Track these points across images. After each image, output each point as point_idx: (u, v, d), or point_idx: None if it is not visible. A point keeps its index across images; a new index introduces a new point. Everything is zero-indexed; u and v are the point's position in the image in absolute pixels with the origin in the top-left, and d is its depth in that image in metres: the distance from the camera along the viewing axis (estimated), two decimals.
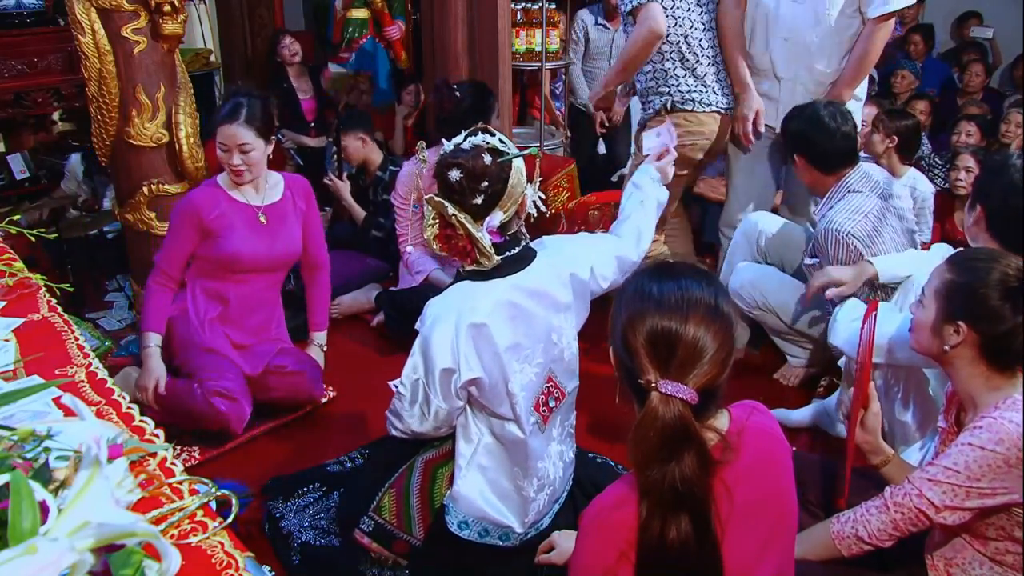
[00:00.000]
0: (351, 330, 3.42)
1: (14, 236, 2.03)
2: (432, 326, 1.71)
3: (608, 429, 2.56)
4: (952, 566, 1.57)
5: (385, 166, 3.86)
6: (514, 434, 1.80)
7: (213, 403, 2.41)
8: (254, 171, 2.51)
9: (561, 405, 1.90)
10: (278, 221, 2.61)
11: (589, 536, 1.21)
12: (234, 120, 2.43)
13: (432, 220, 1.73)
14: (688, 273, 1.21)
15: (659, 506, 1.11)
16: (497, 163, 1.68)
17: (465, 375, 1.69)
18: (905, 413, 2.25)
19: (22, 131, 4.31)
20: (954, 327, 1.55)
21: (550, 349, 1.83)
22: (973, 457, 1.45)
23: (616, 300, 1.26)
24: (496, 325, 1.70)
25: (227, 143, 2.45)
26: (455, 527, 1.84)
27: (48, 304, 1.87)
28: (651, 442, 1.10)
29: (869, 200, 2.57)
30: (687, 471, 1.10)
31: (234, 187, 2.56)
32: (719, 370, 1.14)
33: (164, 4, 2.58)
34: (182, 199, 2.58)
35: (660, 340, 1.13)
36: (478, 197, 1.67)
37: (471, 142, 1.71)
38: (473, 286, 1.74)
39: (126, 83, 2.69)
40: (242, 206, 2.56)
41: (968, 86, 5.13)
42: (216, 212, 2.50)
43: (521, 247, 1.77)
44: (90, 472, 0.91)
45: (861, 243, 2.49)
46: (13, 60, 3.47)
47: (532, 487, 1.86)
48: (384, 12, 4.98)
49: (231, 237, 2.51)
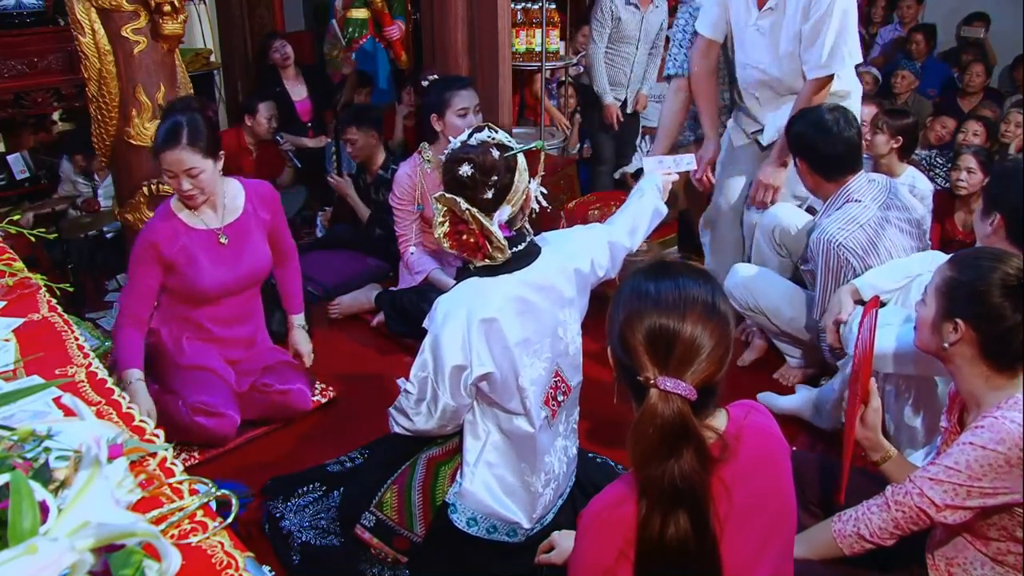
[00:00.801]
0: (351, 330, 3.42)
1: (14, 236, 2.03)
2: (443, 323, 1.71)
3: (608, 429, 2.56)
4: (953, 566, 1.57)
5: (387, 165, 3.86)
6: (524, 429, 1.81)
7: (197, 421, 2.39)
8: (207, 192, 2.38)
9: (567, 400, 1.92)
10: (241, 239, 2.51)
11: (588, 535, 1.22)
12: (175, 144, 2.27)
13: (442, 218, 1.73)
14: (685, 272, 1.22)
15: (658, 503, 1.11)
16: (504, 157, 1.70)
17: (477, 371, 1.70)
18: (915, 419, 2.24)
19: (22, 131, 4.31)
20: (952, 324, 1.55)
21: (556, 344, 1.84)
22: (974, 456, 1.45)
23: (614, 300, 1.27)
24: (506, 320, 1.72)
25: (172, 169, 2.30)
26: (463, 524, 1.85)
27: (48, 304, 1.87)
28: (650, 439, 1.11)
29: (867, 211, 2.51)
30: (686, 468, 1.10)
31: (190, 213, 2.44)
32: (717, 367, 1.15)
33: (164, 4, 2.59)
34: (140, 234, 2.45)
35: (658, 338, 1.14)
36: (488, 191, 1.69)
37: (477, 138, 1.73)
38: (482, 282, 1.75)
39: (126, 83, 2.69)
40: (201, 233, 2.44)
41: (968, 86, 5.13)
42: (176, 246, 2.39)
43: (527, 242, 1.79)
44: (90, 472, 0.91)
45: (852, 255, 2.46)
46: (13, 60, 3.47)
47: (540, 482, 1.88)
48: (384, 12, 4.98)
49: (194, 271, 2.41)
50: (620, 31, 4.57)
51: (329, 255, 3.83)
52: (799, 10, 2.71)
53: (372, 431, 2.56)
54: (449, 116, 3.01)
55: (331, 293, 3.55)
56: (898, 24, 6.18)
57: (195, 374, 2.48)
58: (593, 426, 2.60)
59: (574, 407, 2.00)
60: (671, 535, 1.11)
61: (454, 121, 2.98)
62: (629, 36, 4.58)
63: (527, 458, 1.85)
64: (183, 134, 2.28)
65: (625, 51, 4.63)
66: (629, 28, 4.54)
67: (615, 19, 4.51)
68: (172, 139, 2.28)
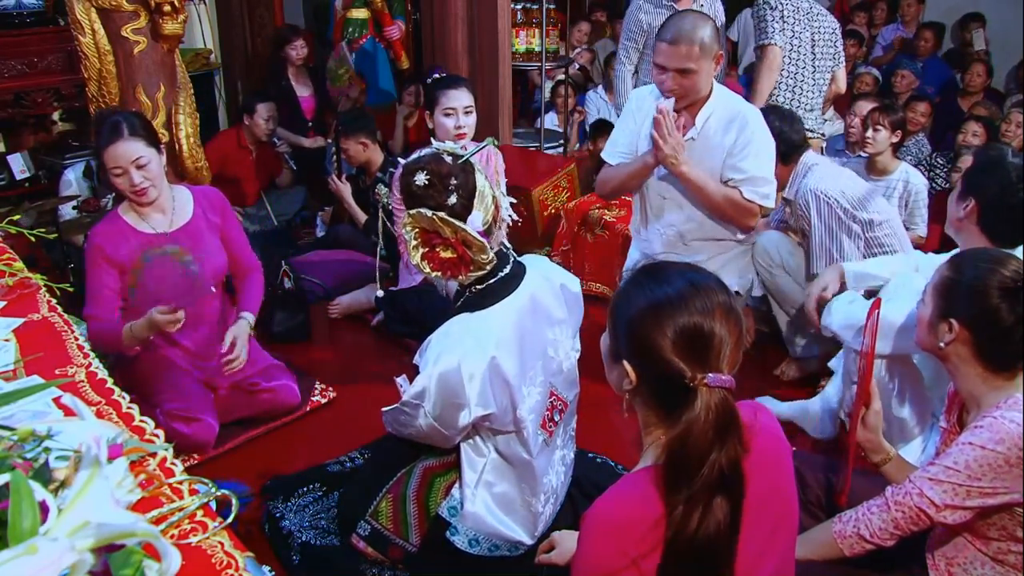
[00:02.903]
0: (351, 330, 3.42)
1: (14, 236, 2.03)
2: (436, 364, 1.66)
3: (608, 429, 2.56)
4: (953, 565, 1.57)
5: (386, 167, 3.85)
6: (520, 455, 1.80)
7: (175, 427, 2.33)
8: (158, 185, 2.32)
9: (564, 415, 1.91)
10: (192, 241, 2.44)
11: (592, 538, 1.20)
12: (118, 136, 2.23)
13: (415, 240, 1.66)
14: (687, 269, 1.21)
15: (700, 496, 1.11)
16: (458, 163, 1.69)
17: (476, 412, 1.67)
18: (902, 409, 2.25)
19: (22, 131, 4.30)
20: (947, 324, 1.56)
21: (548, 364, 1.82)
22: (974, 456, 1.45)
23: (613, 314, 1.24)
24: (504, 354, 1.68)
25: (120, 164, 2.24)
26: (465, 545, 1.84)
27: (48, 304, 1.87)
28: (707, 437, 1.10)
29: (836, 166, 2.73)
30: (733, 454, 1.11)
31: (138, 216, 2.38)
32: (740, 351, 1.16)
33: (164, 4, 2.58)
34: (90, 236, 2.38)
35: (694, 337, 1.13)
36: (450, 196, 1.66)
37: (427, 151, 1.73)
38: (473, 319, 1.71)
39: (126, 83, 2.69)
40: (149, 237, 2.38)
41: (970, 86, 5.12)
42: (124, 249, 2.33)
43: (511, 264, 1.75)
44: (90, 472, 0.91)
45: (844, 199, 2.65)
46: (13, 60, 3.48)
47: (540, 502, 1.87)
48: (384, 12, 4.98)
49: (145, 278, 2.36)
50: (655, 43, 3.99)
51: (329, 255, 3.83)
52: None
53: (372, 431, 2.56)
54: (437, 114, 2.98)
55: (331, 293, 3.55)
56: (899, 24, 6.18)
57: (168, 379, 2.43)
58: (593, 426, 2.60)
59: (572, 417, 1.99)
60: (709, 524, 1.10)
61: (440, 120, 2.92)
62: None
63: (527, 480, 1.84)
64: (123, 127, 2.25)
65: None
66: None
67: (648, 28, 3.82)
68: (114, 132, 2.24)
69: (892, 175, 3.43)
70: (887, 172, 3.45)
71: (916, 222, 3.49)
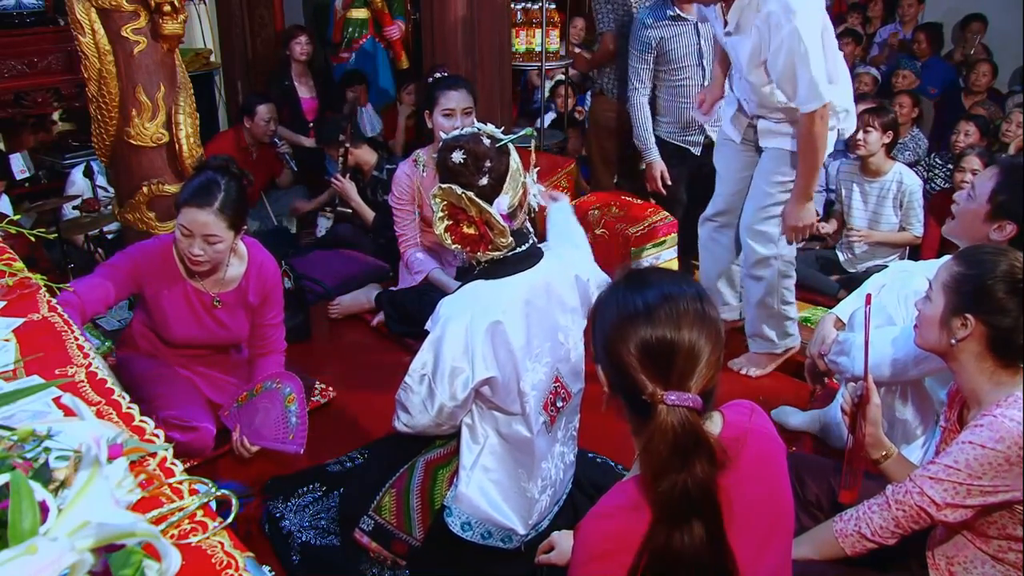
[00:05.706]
0: (351, 330, 3.42)
1: (14, 236, 2.02)
2: (444, 325, 1.71)
3: (609, 430, 2.55)
4: (954, 564, 1.57)
5: (381, 166, 3.86)
6: (521, 433, 1.81)
7: (171, 436, 2.28)
8: (214, 263, 2.22)
9: (567, 407, 1.91)
10: (223, 308, 2.38)
11: (586, 546, 1.20)
12: (205, 205, 2.08)
13: (441, 212, 1.73)
14: (665, 278, 1.19)
15: (670, 516, 1.09)
16: (495, 146, 1.72)
17: (479, 375, 1.69)
18: (905, 410, 2.24)
19: (22, 131, 4.31)
20: (962, 320, 1.54)
21: (557, 348, 1.83)
22: (974, 455, 1.45)
23: (594, 318, 1.23)
24: (511, 323, 1.71)
25: (191, 228, 2.10)
26: (458, 528, 1.84)
27: (48, 304, 1.87)
28: (663, 454, 1.08)
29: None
30: (699, 476, 1.08)
31: (186, 266, 2.28)
32: (715, 371, 1.13)
33: (164, 4, 2.58)
34: (136, 245, 2.31)
35: (656, 352, 1.11)
36: (482, 177, 1.70)
37: (468, 130, 1.76)
38: (486, 285, 1.75)
39: (126, 83, 2.69)
40: (187, 288, 2.32)
41: (974, 85, 5.10)
42: (156, 283, 2.25)
43: (529, 244, 1.79)
44: (90, 472, 0.91)
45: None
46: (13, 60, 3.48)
47: (536, 488, 1.87)
48: (384, 12, 4.99)
49: (169, 317, 2.31)
50: (671, 57, 3.53)
51: (329, 255, 3.83)
52: (759, 41, 2.47)
53: (372, 431, 2.57)
54: (436, 114, 3.02)
55: (331, 293, 3.55)
56: (898, 23, 6.17)
57: (166, 385, 2.39)
58: (594, 427, 2.60)
59: (574, 414, 1.99)
60: (685, 545, 1.08)
61: (439, 120, 3.00)
62: (685, 58, 3.54)
63: (524, 463, 1.85)
64: (217, 197, 2.09)
65: (683, 80, 3.58)
66: (681, 48, 3.53)
67: (658, 44, 3.51)
68: (204, 197, 2.09)
69: (886, 176, 3.43)
70: (881, 173, 3.45)
71: (912, 222, 3.49)
